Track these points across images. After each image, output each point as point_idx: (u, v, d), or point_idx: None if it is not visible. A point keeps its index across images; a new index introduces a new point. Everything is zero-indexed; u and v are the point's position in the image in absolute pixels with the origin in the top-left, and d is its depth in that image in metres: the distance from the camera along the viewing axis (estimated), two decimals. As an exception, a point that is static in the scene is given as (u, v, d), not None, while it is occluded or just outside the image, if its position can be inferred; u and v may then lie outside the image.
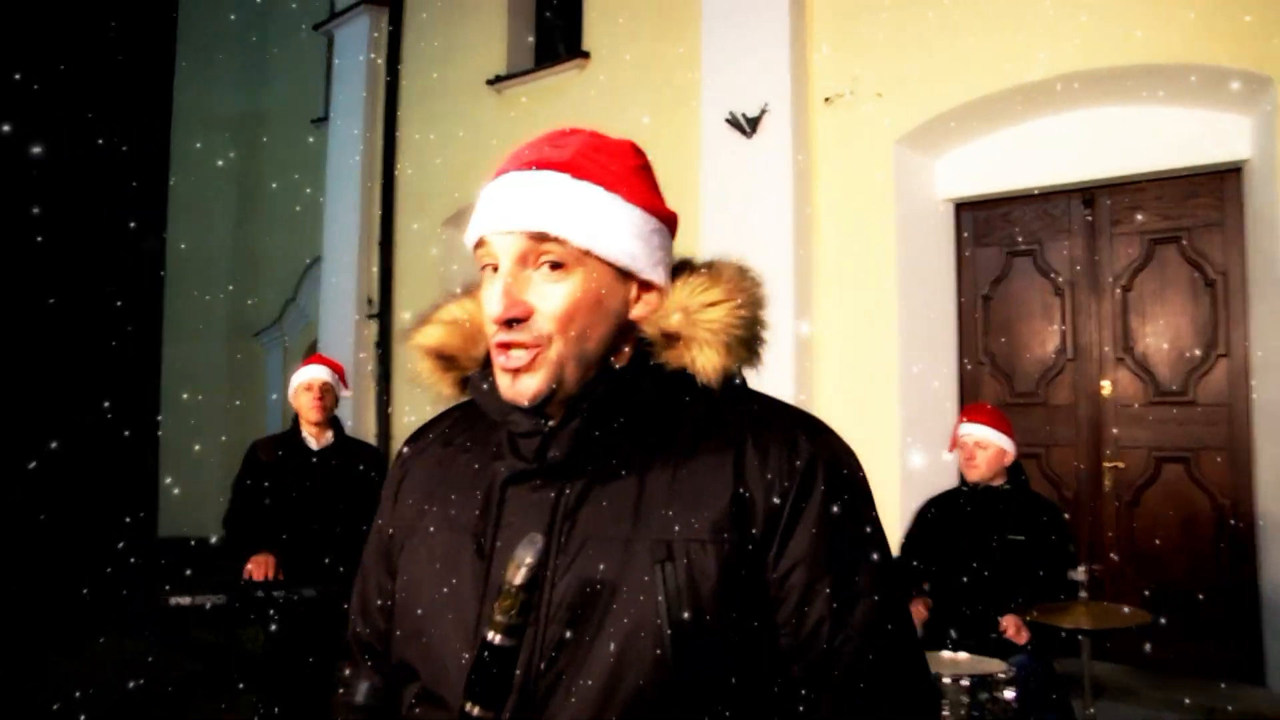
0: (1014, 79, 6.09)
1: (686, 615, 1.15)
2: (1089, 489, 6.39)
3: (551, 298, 1.23)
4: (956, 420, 4.43)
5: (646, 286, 1.31)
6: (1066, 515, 4.71)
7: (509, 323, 1.22)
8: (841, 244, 6.65)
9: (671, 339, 1.27)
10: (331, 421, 4.67)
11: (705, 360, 1.25)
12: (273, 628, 4.17)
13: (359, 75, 9.95)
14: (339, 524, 4.44)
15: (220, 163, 12.61)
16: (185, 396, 12.26)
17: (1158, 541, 6.15)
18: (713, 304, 1.28)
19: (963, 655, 3.73)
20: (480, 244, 1.28)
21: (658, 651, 1.15)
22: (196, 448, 11.91)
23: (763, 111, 6.74)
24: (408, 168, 9.59)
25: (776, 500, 1.20)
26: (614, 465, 1.24)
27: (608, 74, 8.09)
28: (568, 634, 1.18)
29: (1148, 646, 5.46)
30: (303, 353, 11.87)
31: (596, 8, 8.29)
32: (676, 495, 1.21)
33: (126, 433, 11.81)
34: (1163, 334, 6.21)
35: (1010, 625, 3.98)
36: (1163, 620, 4.49)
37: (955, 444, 4.50)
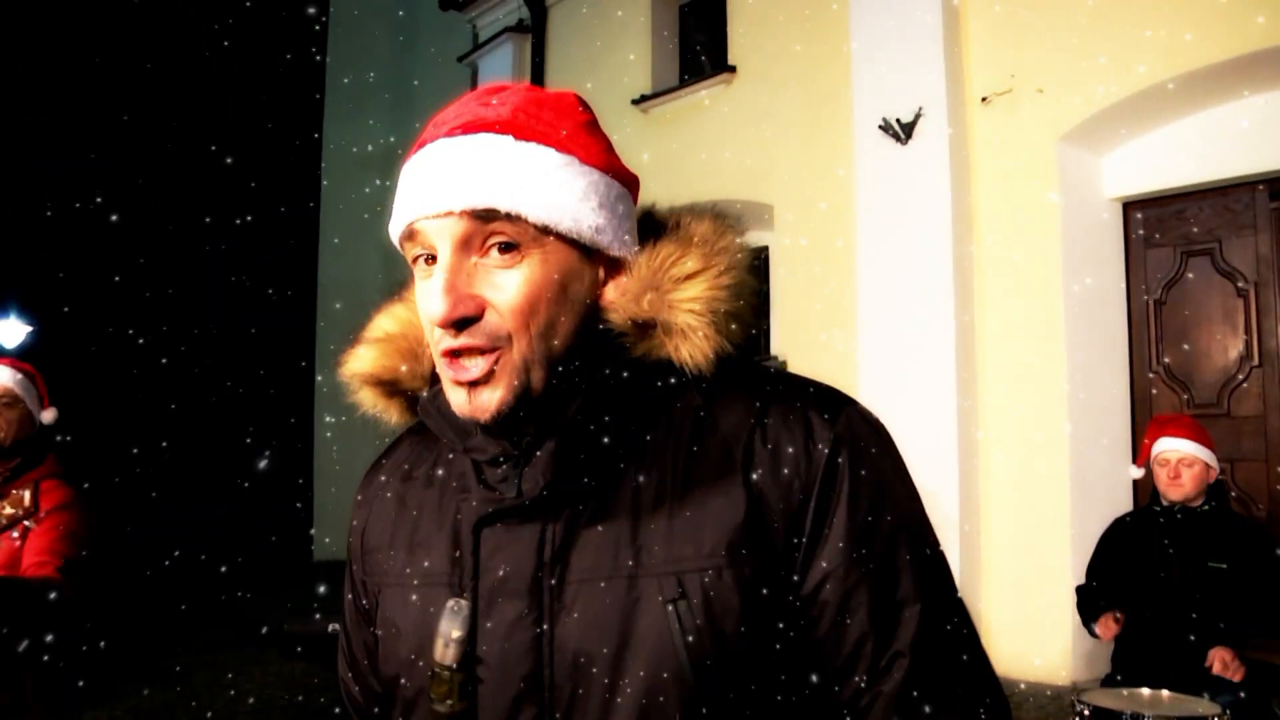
0: (1182, 66, 5.77)
1: (711, 659, 0.98)
2: (1280, 507, 5.96)
3: (506, 288, 1.00)
4: (1148, 431, 4.13)
5: (614, 266, 1.08)
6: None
7: (457, 324, 1.00)
8: (1003, 249, 6.40)
9: (645, 327, 1.05)
10: None
11: (691, 347, 1.04)
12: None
13: (505, 103, 10.13)
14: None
15: (366, 195, 13.05)
16: (331, 419, 12.60)
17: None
18: (689, 276, 1.06)
19: (1165, 693, 3.33)
20: (410, 235, 1.05)
21: (684, 702, 0.98)
22: (349, 470, 12.25)
23: (917, 116, 6.57)
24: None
25: (797, 502, 1.02)
26: (601, 490, 1.04)
27: (755, 87, 8.04)
28: (580, 691, 1.00)
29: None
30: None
31: (742, 21, 8.27)
32: (679, 516, 1.01)
33: (283, 462, 12.23)
34: (1362, 334, 5.77)
35: (1220, 659, 3.60)
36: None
37: (1145, 459, 4.18)
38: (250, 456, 12.16)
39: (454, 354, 1.01)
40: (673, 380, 1.06)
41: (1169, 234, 6.48)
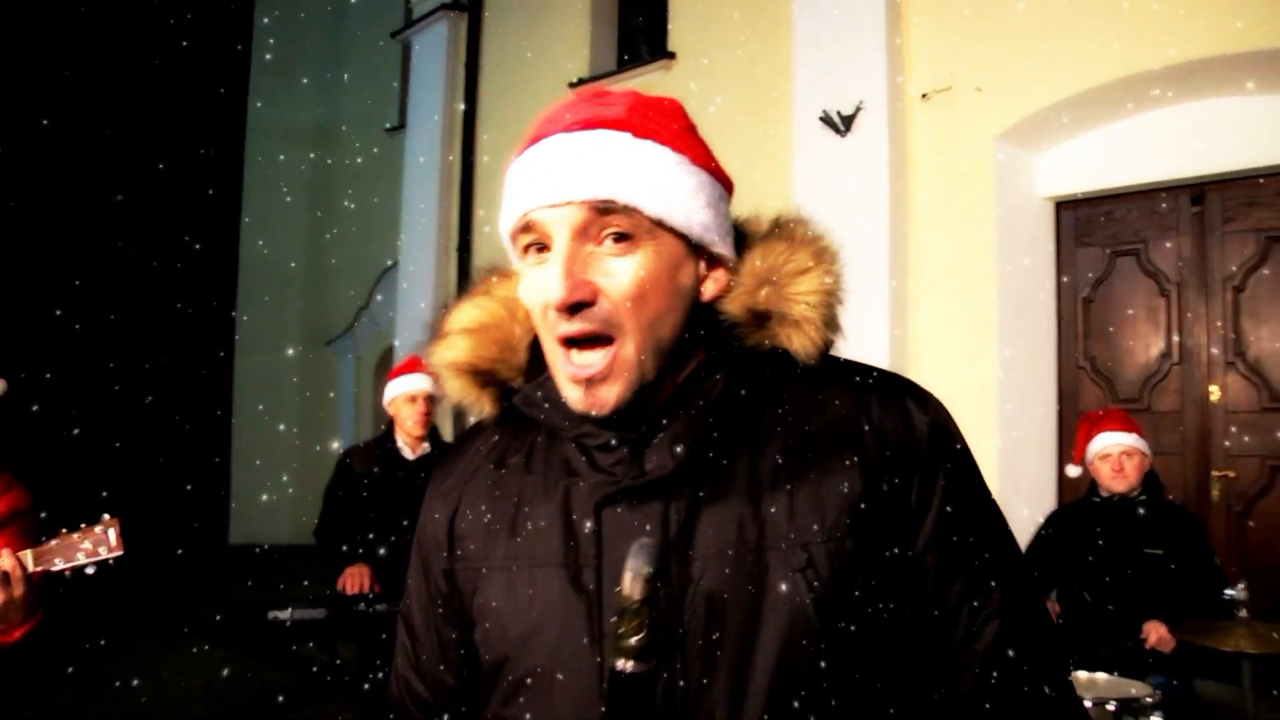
0: (1118, 72, 5.91)
1: (838, 621, 1.05)
2: (1196, 500, 6.16)
3: (620, 275, 1.05)
4: (1081, 427, 4.22)
5: (713, 262, 1.15)
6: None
7: (573, 309, 1.04)
8: (939, 244, 6.50)
9: (761, 318, 1.13)
10: (429, 430, 4.55)
11: (803, 338, 1.12)
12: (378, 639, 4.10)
13: (437, 82, 9.98)
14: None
15: (295, 172, 12.76)
16: (260, 406, 12.37)
17: (1274, 555, 5.91)
18: (802, 272, 1.14)
19: (1101, 676, 3.44)
20: (525, 225, 1.09)
21: (820, 662, 1.04)
22: (266, 455, 11.99)
23: (858, 109, 6.63)
24: (486, 173, 9.58)
25: (901, 480, 1.10)
26: (721, 469, 1.09)
27: (695, 75, 8.03)
28: (717, 656, 1.05)
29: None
30: (376, 360, 11.91)
31: (683, 7, 8.24)
32: (800, 492, 1.08)
33: (199, 440, 11.93)
34: (1278, 337, 5.98)
35: (1156, 633, 3.71)
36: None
37: (1083, 454, 4.27)
38: (166, 440, 11.84)
39: (569, 344, 1.07)
40: (785, 370, 1.13)
41: (1098, 234, 6.64)
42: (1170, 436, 6.28)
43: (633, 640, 0.97)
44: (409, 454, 4.41)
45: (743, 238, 1.21)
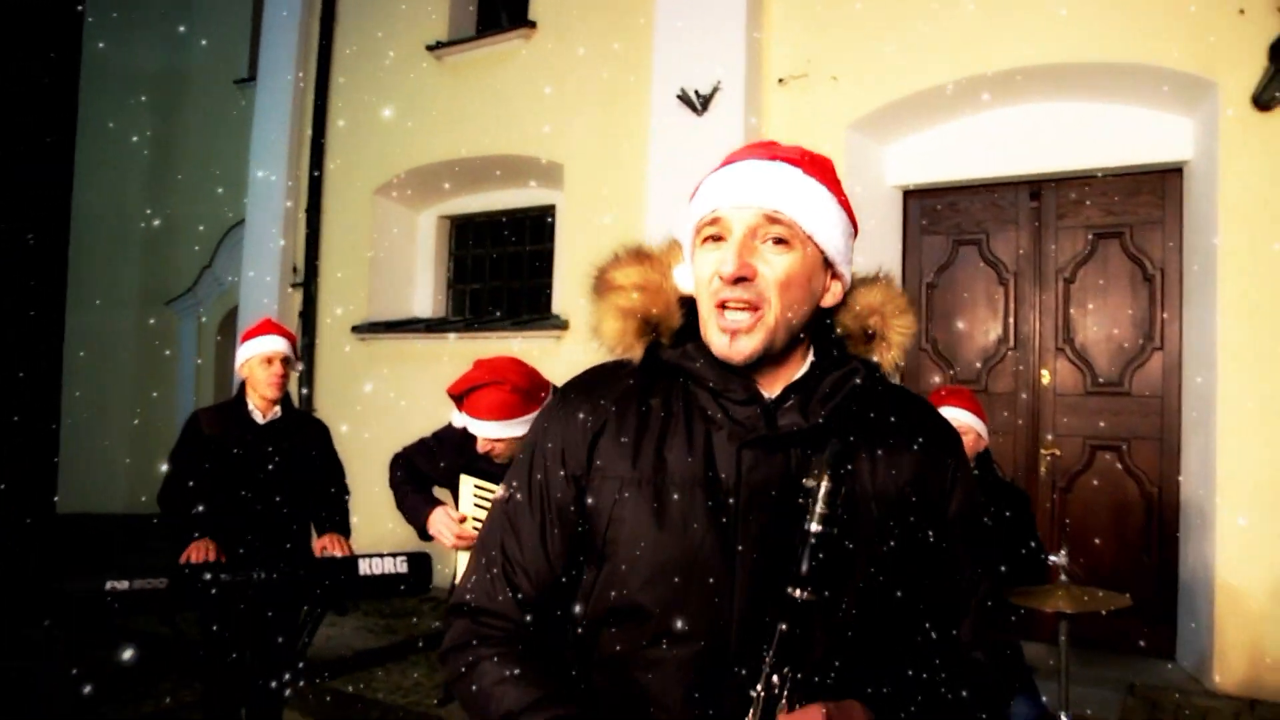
0: (968, 70, 6.16)
1: (899, 567, 1.42)
2: (1025, 475, 6.54)
3: (775, 265, 1.40)
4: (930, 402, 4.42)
5: (834, 279, 1.49)
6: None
7: (737, 280, 1.37)
8: (791, 227, 6.64)
9: (869, 336, 1.49)
10: (282, 395, 4.45)
11: (891, 357, 1.49)
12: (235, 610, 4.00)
13: (290, 35, 9.61)
14: (287, 501, 4.25)
15: (135, 122, 12.12)
16: (87, 363, 11.80)
17: (1089, 527, 6.33)
18: (902, 313, 1.51)
19: None
20: (713, 219, 1.43)
21: (885, 601, 1.41)
22: (101, 420, 11.47)
23: (715, 89, 6.70)
24: (339, 133, 9.32)
25: (940, 481, 1.49)
26: (829, 434, 1.40)
27: (555, 45, 7.96)
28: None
29: (1079, 624, 5.62)
30: (219, 322, 11.49)
31: (545, -24, 8.14)
32: (880, 461, 1.45)
33: (24, 403, 11.31)
34: (1102, 326, 6.37)
35: None
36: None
37: None
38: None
39: (724, 305, 1.39)
40: (875, 375, 1.49)
41: (943, 224, 6.92)
42: (1005, 416, 6.63)
43: (823, 507, 1.27)
44: (260, 418, 4.29)
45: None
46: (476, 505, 3.42)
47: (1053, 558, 3.49)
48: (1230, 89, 5.51)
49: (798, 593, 1.26)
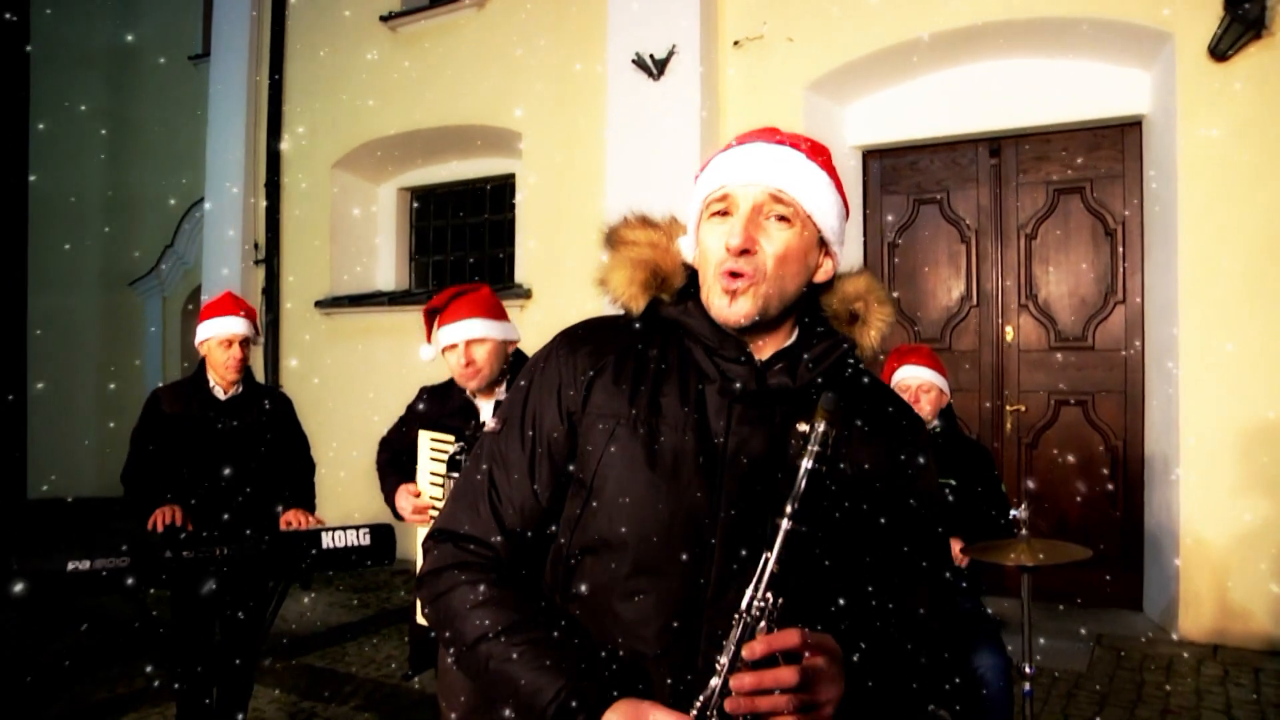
0: (924, 27, 6.12)
1: (870, 528, 1.50)
2: (991, 432, 6.57)
3: (776, 240, 1.48)
4: (888, 361, 4.40)
5: (827, 257, 1.57)
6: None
7: (741, 252, 1.46)
8: (752, 190, 6.61)
9: (853, 318, 1.57)
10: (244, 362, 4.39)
11: (869, 342, 1.57)
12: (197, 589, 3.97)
13: (243, 8, 9.46)
14: (251, 476, 4.22)
15: (90, 100, 11.91)
16: (51, 347, 11.67)
17: (1055, 481, 6.37)
18: (883, 303, 1.59)
19: None
20: (720, 196, 1.51)
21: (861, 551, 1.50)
22: (67, 404, 11.36)
23: (671, 53, 6.63)
24: (295, 108, 9.19)
25: (905, 465, 1.56)
26: (811, 399, 1.45)
27: (508, 12, 7.85)
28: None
29: (1047, 578, 5.67)
30: (183, 300, 11.37)
31: (497, -58, 8.02)
32: (850, 441, 1.50)
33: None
34: (1064, 281, 6.38)
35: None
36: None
37: None
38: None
39: (729, 274, 1.46)
40: (852, 355, 1.58)
41: (903, 183, 6.89)
42: (969, 374, 6.65)
43: (816, 447, 1.32)
44: (221, 394, 4.24)
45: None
46: (433, 459, 3.40)
47: (1013, 512, 3.48)
48: (1187, 40, 5.50)
49: (786, 523, 1.31)
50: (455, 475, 3.22)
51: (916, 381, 4.01)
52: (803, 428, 1.35)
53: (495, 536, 1.52)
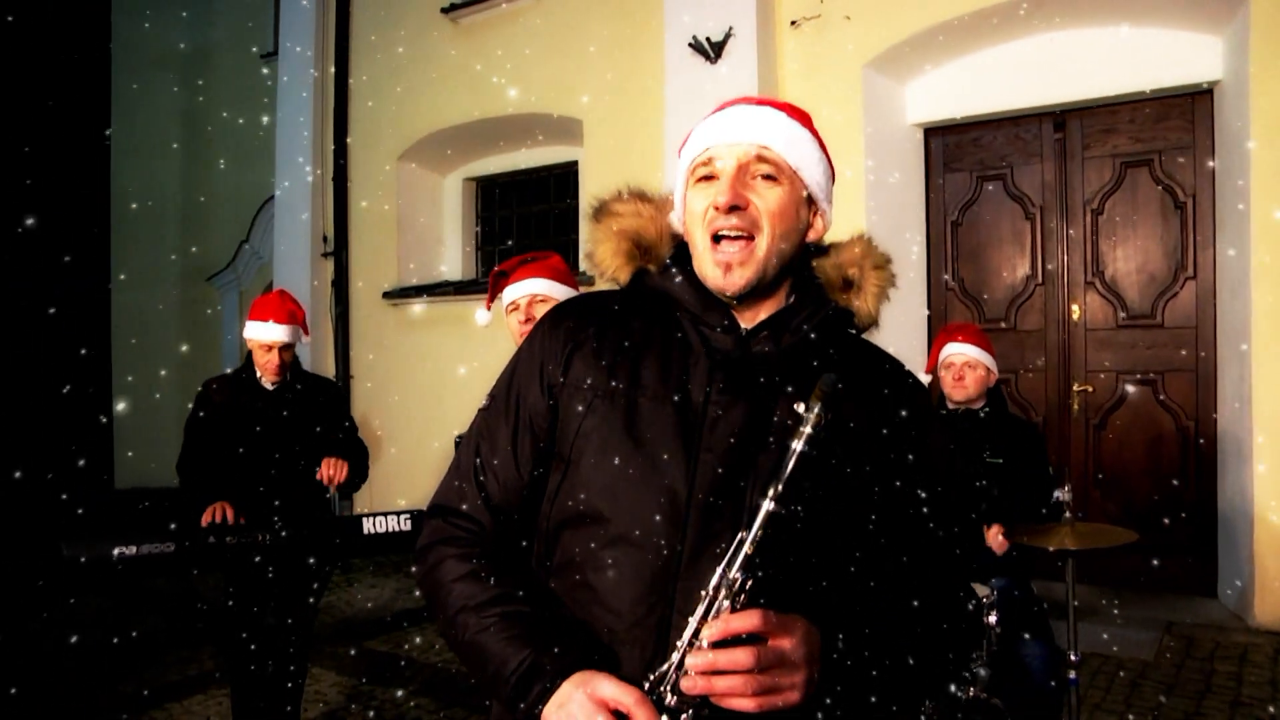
0: (980, 2, 5.98)
1: (849, 501, 1.44)
2: (1058, 413, 6.42)
3: (766, 196, 1.48)
4: (937, 340, 4.33)
5: (815, 215, 1.57)
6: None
7: (731, 209, 1.45)
8: (810, 171, 6.54)
9: (847, 284, 1.56)
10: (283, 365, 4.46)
11: (866, 308, 1.56)
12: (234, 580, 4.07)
13: (309, 6, 9.62)
14: (297, 464, 4.29)
15: (166, 100, 12.23)
16: (135, 343, 12.04)
17: (1124, 463, 6.20)
18: (878, 268, 1.57)
19: None
20: (706, 158, 1.51)
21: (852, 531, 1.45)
22: (150, 397, 11.70)
23: (728, 35, 6.58)
24: (361, 101, 9.33)
25: (901, 421, 1.51)
26: (802, 367, 1.48)
27: (567, 3, 7.87)
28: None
29: (1116, 563, 5.53)
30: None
31: (554, -68, 8.03)
32: (845, 405, 1.45)
33: (76, 385, 11.57)
34: (1132, 257, 6.20)
35: (991, 535, 3.89)
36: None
37: (934, 364, 4.39)
38: (40, 387, 11.45)
39: (719, 238, 1.46)
40: (848, 322, 1.57)
41: (965, 159, 6.76)
42: (1034, 354, 6.51)
43: (810, 430, 1.29)
44: (268, 384, 4.34)
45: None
46: None
47: (1056, 494, 3.40)
48: (1263, 2, 5.29)
49: (769, 504, 1.28)
50: None
51: (962, 359, 3.95)
52: (799, 407, 1.32)
53: (483, 512, 1.53)
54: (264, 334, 4.26)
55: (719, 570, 1.28)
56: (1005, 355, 6.34)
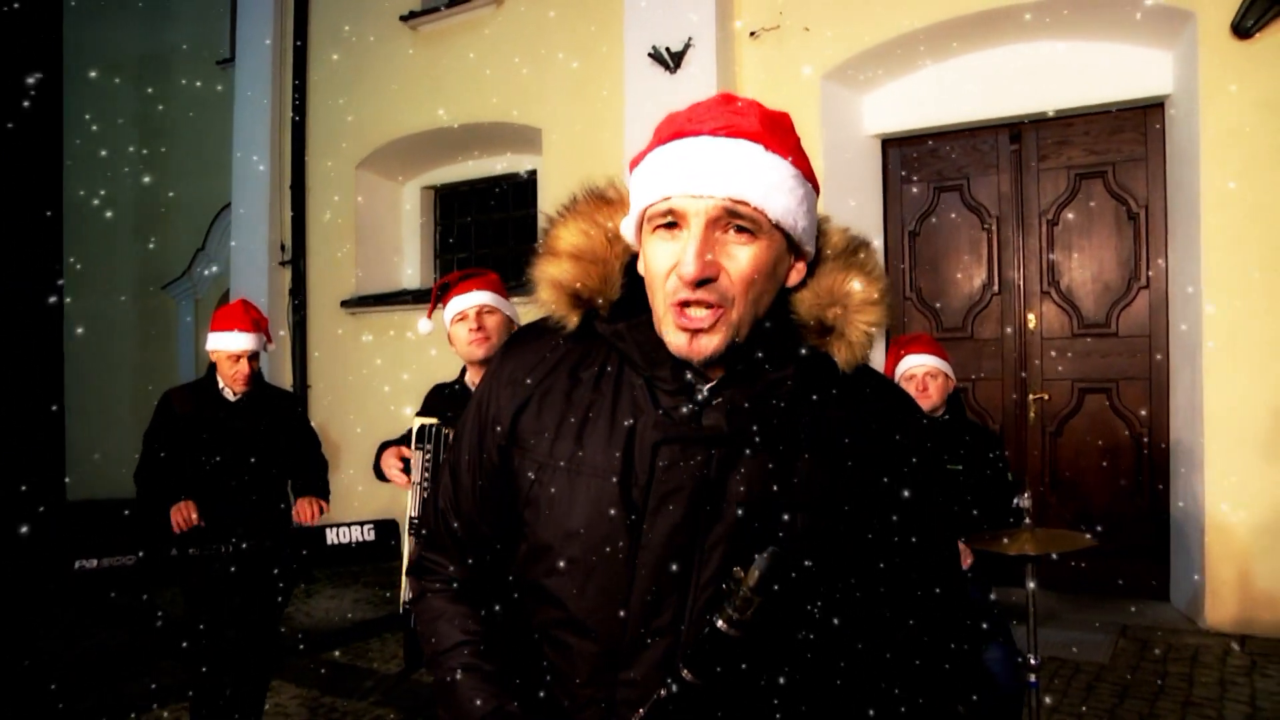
0: (942, 13, 6.07)
1: (828, 582, 1.31)
2: (1015, 421, 6.50)
3: (739, 260, 1.26)
4: (889, 352, 4.37)
5: (799, 256, 1.35)
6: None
7: (698, 283, 1.24)
8: (769, 181, 6.59)
9: (825, 329, 1.34)
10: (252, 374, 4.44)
11: (849, 354, 1.33)
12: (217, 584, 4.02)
13: (266, 12, 9.55)
14: (259, 476, 4.26)
15: (121, 107, 12.08)
16: (88, 352, 11.85)
17: (1080, 469, 6.29)
18: (870, 304, 1.34)
19: None
20: (665, 209, 1.28)
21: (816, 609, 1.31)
22: (105, 407, 11.53)
23: (687, 46, 6.62)
24: (319, 109, 9.27)
25: (898, 483, 1.34)
26: (763, 439, 1.31)
27: (526, 9, 7.88)
28: (723, 588, 1.24)
29: (1073, 568, 5.61)
30: (215, 303, 11.50)
31: (514, -59, 8.04)
32: (815, 471, 1.31)
33: (27, 393, 11.36)
34: (1087, 267, 6.30)
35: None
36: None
37: (890, 376, 4.43)
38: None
39: (685, 304, 1.26)
40: (828, 373, 1.35)
41: (923, 170, 6.84)
42: (992, 362, 6.59)
43: (735, 614, 1.18)
44: (231, 395, 4.30)
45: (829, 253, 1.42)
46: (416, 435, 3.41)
47: (1016, 500, 3.44)
48: (1209, 18, 5.42)
49: (685, 673, 1.23)
50: (422, 446, 3.28)
51: (924, 369, 3.98)
52: (738, 572, 1.20)
53: (450, 551, 1.50)
54: (230, 344, 4.22)
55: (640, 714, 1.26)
56: (963, 364, 6.41)
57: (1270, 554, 5.26)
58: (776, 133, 1.31)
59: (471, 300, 3.33)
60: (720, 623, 1.20)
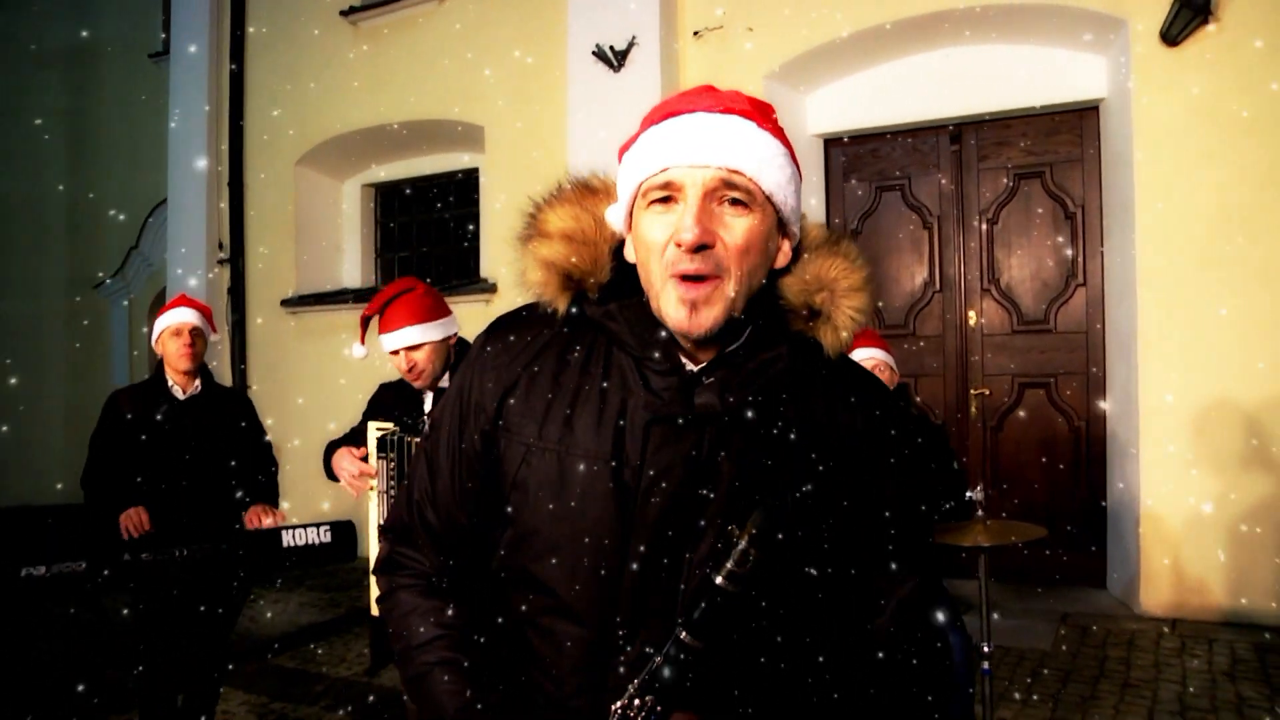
0: (884, 15, 6.16)
1: (808, 561, 1.32)
2: (956, 416, 6.62)
3: (735, 230, 1.29)
4: None
5: (785, 236, 1.38)
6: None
7: (696, 249, 1.26)
8: (714, 180, 6.64)
9: (812, 314, 1.38)
10: (200, 369, 4.37)
11: (835, 339, 1.37)
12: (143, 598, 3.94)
13: (203, 5, 9.37)
14: (211, 477, 4.20)
15: (48, 101, 11.78)
16: (16, 355, 11.55)
17: (1020, 463, 6.43)
18: (856, 290, 1.38)
19: None
20: (663, 180, 1.30)
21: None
22: (34, 411, 11.24)
23: (631, 44, 6.65)
24: (257, 105, 9.12)
25: (878, 468, 1.39)
26: (754, 420, 1.32)
27: (469, 6, 7.83)
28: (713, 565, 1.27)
29: (1015, 559, 5.74)
30: (149, 303, 11.27)
31: (457, -64, 7.99)
32: (802, 454, 1.33)
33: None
34: (1026, 265, 6.44)
35: None
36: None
37: None
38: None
39: (684, 276, 1.27)
40: (814, 356, 1.38)
41: (865, 170, 6.93)
42: (933, 359, 6.70)
43: (735, 567, 1.21)
44: (179, 394, 4.22)
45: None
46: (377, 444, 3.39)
47: (969, 493, 3.51)
48: (1140, 25, 5.56)
49: (684, 635, 1.23)
50: (385, 455, 3.27)
51: (872, 362, 4.04)
52: (733, 530, 1.24)
53: (425, 544, 1.47)
54: (175, 317, 4.20)
55: (629, 690, 1.27)
56: (905, 361, 6.50)
57: (1198, 541, 5.44)
58: (766, 115, 1.36)
59: (397, 342, 3.31)
60: (719, 579, 1.22)
